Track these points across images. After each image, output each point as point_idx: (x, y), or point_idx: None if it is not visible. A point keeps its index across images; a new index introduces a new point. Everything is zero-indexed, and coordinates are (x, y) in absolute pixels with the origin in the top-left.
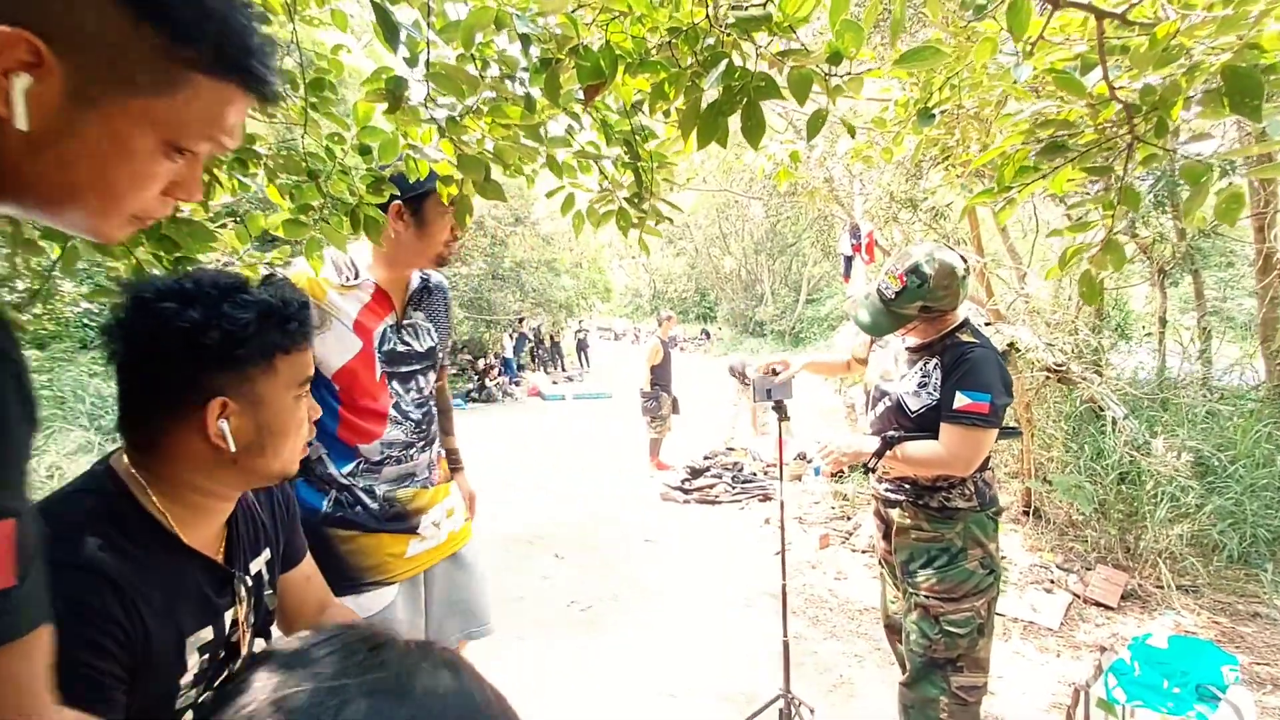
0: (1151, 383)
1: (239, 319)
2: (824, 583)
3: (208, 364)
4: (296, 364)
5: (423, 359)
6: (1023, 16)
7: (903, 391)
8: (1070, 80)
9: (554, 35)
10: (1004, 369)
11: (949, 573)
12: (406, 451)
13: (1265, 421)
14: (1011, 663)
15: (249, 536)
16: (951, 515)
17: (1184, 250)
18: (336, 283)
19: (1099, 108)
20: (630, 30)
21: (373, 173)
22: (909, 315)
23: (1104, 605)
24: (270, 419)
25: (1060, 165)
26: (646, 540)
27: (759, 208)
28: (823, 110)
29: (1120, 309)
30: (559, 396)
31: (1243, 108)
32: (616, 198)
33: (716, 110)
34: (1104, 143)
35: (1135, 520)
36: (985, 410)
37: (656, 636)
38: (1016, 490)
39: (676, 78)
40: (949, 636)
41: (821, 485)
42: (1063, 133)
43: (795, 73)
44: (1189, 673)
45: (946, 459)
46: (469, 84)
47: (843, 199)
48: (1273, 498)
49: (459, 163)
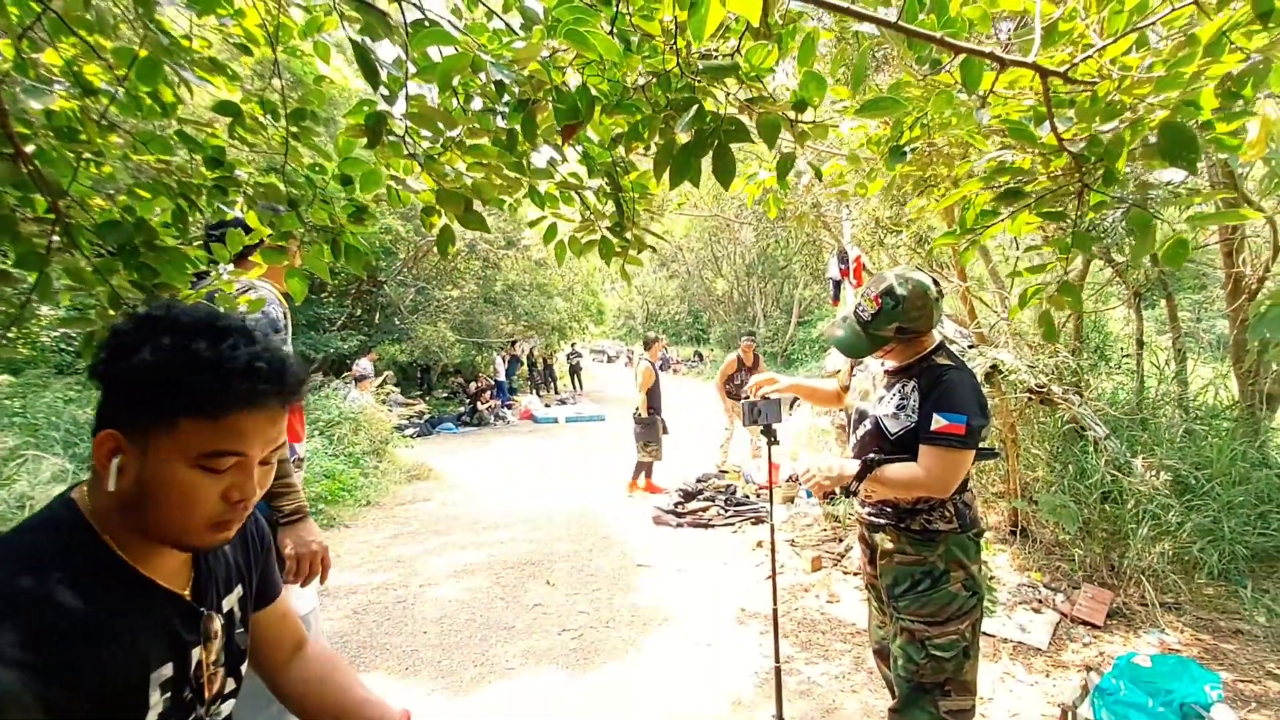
0: (1130, 403)
1: (144, 360)
2: (816, 605)
3: (114, 395)
4: (207, 431)
5: None
6: (974, 73)
7: (882, 414)
8: (1023, 130)
9: (528, 80)
10: (980, 391)
11: (932, 596)
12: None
13: (1239, 440)
14: (1002, 683)
15: (220, 573)
16: (933, 538)
17: (1156, 275)
18: None
19: (1050, 157)
20: (607, 74)
21: (355, 202)
22: (885, 337)
23: (1091, 624)
24: (153, 480)
25: (1018, 209)
26: (639, 565)
27: (750, 232)
28: (791, 154)
29: (1099, 331)
30: (552, 419)
31: (1178, 160)
32: (599, 227)
33: (689, 152)
34: (1057, 190)
35: (1119, 539)
36: (961, 431)
37: (648, 664)
38: (1004, 510)
39: (650, 120)
40: (935, 661)
41: (814, 507)
42: (1019, 179)
43: (763, 118)
44: (1173, 691)
45: (925, 480)
46: (447, 123)
47: (830, 224)
48: (1249, 515)
49: (439, 198)
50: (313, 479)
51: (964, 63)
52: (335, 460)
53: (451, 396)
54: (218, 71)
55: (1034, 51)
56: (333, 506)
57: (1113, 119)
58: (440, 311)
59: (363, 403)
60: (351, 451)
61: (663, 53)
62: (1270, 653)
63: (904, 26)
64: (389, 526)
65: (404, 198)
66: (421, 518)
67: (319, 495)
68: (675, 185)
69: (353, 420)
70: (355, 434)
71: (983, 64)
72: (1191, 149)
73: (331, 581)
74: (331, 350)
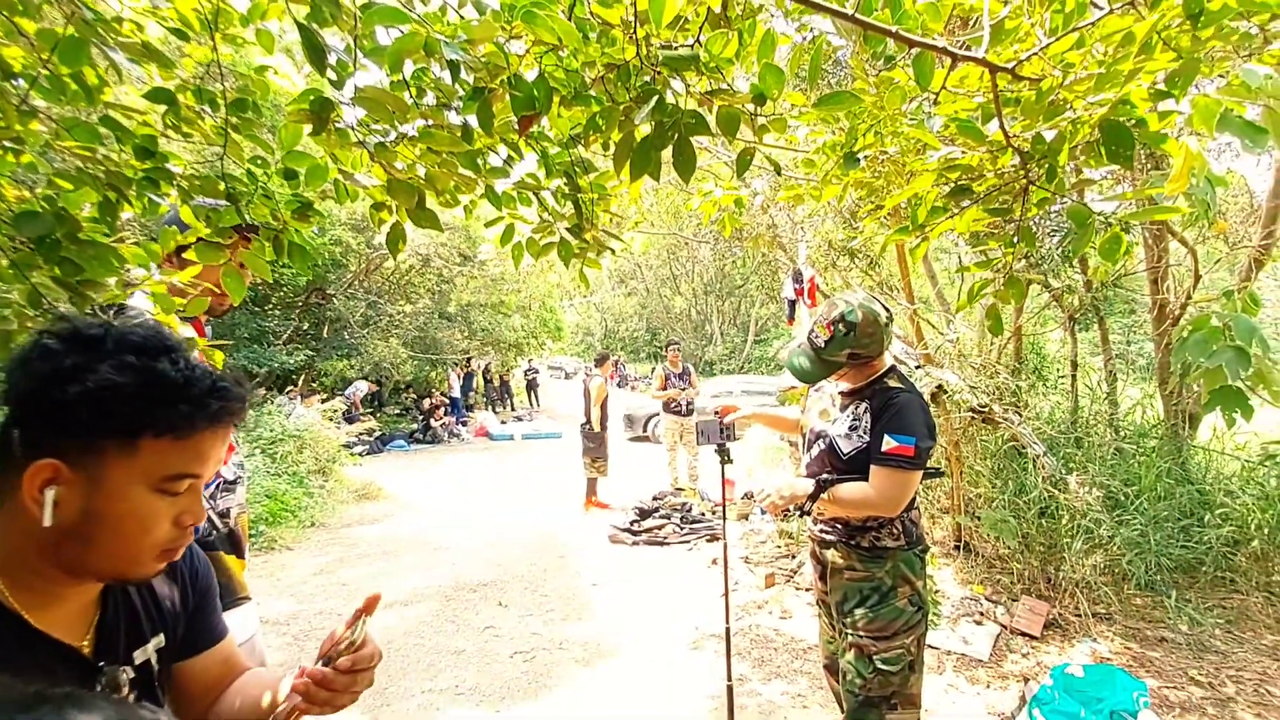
0: (1066, 422)
1: (107, 379)
2: (769, 622)
3: (55, 419)
4: (172, 453)
5: None
6: (927, 67)
7: (835, 434)
8: (971, 128)
9: (484, 64)
10: (928, 413)
11: (880, 611)
12: (242, 471)
13: (1164, 458)
14: (945, 695)
15: (131, 620)
16: (881, 554)
17: (1089, 300)
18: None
19: (998, 154)
20: (565, 63)
21: (299, 198)
22: (838, 362)
23: (1029, 635)
24: (105, 508)
25: (966, 206)
26: (594, 585)
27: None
28: (750, 148)
29: (1037, 353)
30: (508, 436)
31: (1117, 157)
32: (557, 229)
33: (649, 145)
34: (1003, 187)
35: (1055, 552)
36: (910, 453)
37: (602, 686)
38: (948, 525)
39: (610, 112)
40: (882, 675)
41: (768, 524)
42: (967, 177)
43: (723, 111)
44: (1104, 700)
45: (875, 499)
46: (399, 109)
47: (786, 245)
48: (1173, 528)
49: (389, 188)
50: (253, 499)
51: (917, 57)
52: (277, 480)
53: (404, 413)
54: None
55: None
56: (274, 528)
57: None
58: (393, 326)
59: (308, 419)
60: (295, 470)
61: (622, 43)
62: (1192, 659)
63: (859, 19)
64: (335, 549)
65: (352, 192)
66: (369, 539)
67: (259, 516)
68: (636, 178)
69: (297, 438)
70: (300, 452)
71: (934, 59)
72: (1128, 146)
73: (271, 608)
74: (276, 365)
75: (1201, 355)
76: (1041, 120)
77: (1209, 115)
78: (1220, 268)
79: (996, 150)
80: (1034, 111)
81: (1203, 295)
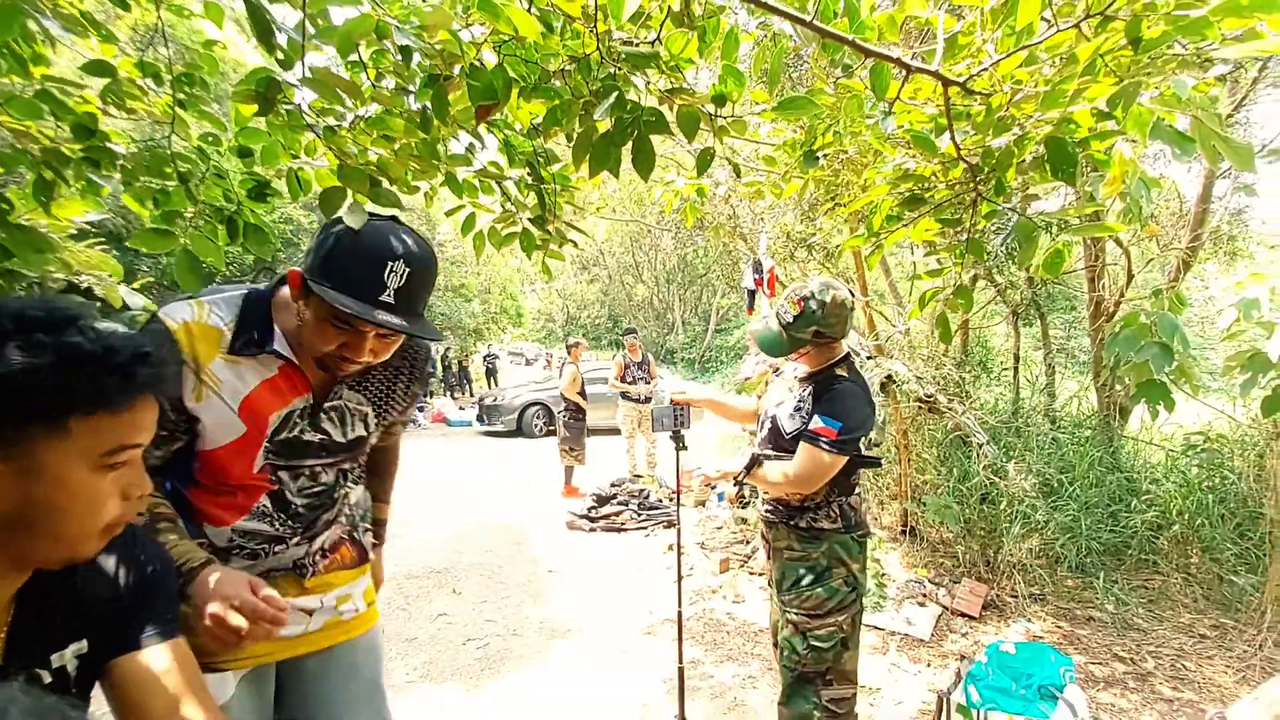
0: (1007, 412)
1: (20, 363)
2: (723, 607)
3: None
4: (106, 428)
5: (338, 451)
6: (883, 78)
7: (780, 415)
8: (924, 139)
9: (439, 52)
10: (867, 405)
11: (815, 590)
12: (269, 546)
13: (1097, 447)
14: (889, 674)
15: (48, 624)
16: (818, 536)
17: (1030, 297)
18: (223, 345)
19: (949, 166)
20: (524, 54)
21: (255, 177)
22: (803, 339)
23: (968, 615)
24: (46, 493)
25: (919, 215)
26: (550, 571)
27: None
28: (710, 148)
29: (983, 346)
30: (465, 423)
31: (1061, 174)
32: (520, 219)
33: (608, 140)
34: (954, 198)
35: (994, 536)
36: (833, 435)
37: (554, 672)
38: (896, 511)
39: (569, 105)
40: (815, 651)
41: (724, 511)
42: (920, 187)
43: (683, 110)
44: (1033, 675)
45: (794, 475)
46: (350, 92)
47: (747, 235)
48: (1103, 513)
49: (340, 174)
50: None
51: (873, 68)
52: None
53: None
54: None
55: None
56: None
57: (1004, 133)
58: None
59: None
60: None
61: (583, 36)
62: (1117, 637)
63: (818, 26)
64: None
65: (305, 185)
66: None
67: None
68: (595, 174)
69: None
70: None
71: (890, 70)
72: (1071, 164)
73: None
74: None
75: (1130, 350)
76: (991, 135)
77: (1142, 123)
78: (1153, 267)
79: (948, 162)
80: (984, 126)
81: (1135, 294)
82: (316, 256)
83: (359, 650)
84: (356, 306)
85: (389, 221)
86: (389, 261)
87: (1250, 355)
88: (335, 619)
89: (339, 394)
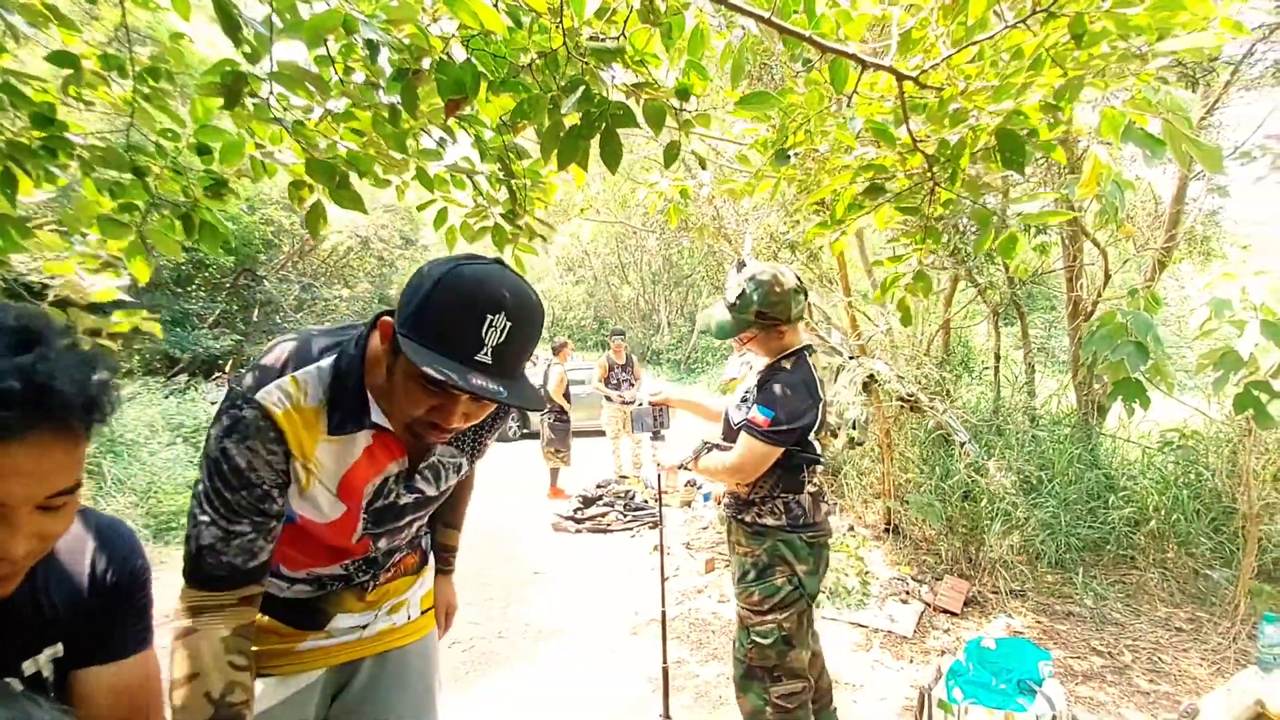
0: (988, 410)
1: None
2: (708, 606)
3: None
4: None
5: (431, 503)
6: (841, 73)
7: (730, 405)
8: (883, 130)
9: (407, 46)
10: (809, 397)
11: (757, 586)
12: (339, 583)
13: (1076, 445)
14: (873, 670)
15: (17, 630)
16: (761, 532)
17: (1010, 296)
18: (323, 426)
19: (907, 156)
20: (493, 49)
21: (213, 174)
22: (748, 320)
23: (950, 612)
24: None
25: (880, 204)
26: (536, 573)
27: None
28: (676, 141)
29: (964, 346)
30: None
31: (1011, 164)
32: (491, 214)
33: (576, 134)
34: (913, 187)
35: (976, 533)
36: (764, 425)
37: (540, 673)
38: (880, 510)
39: (537, 100)
40: (757, 647)
41: (709, 511)
42: (881, 176)
43: (649, 105)
44: (1013, 670)
45: (730, 465)
46: (317, 86)
47: (731, 236)
48: (1082, 510)
49: (308, 168)
50: (174, 490)
51: (832, 63)
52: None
53: None
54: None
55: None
56: None
57: (958, 124)
58: (329, 311)
59: None
60: None
61: (550, 31)
62: (1095, 631)
63: (775, 22)
64: None
65: (270, 169)
66: None
67: (180, 509)
68: (563, 167)
69: None
70: None
71: (848, 65)
72: (1020, 153)
73: None
74: (201, 349)
75: (1107, 349)
76: (947, 126)
77: (1116, 126)
78: (1129, 268)
79: (906, 152)
80: (937, 118)
81: (1112, 293)
82: (409, 306)
83: (411, 656)
84: (447, 370)
85: (493, 265)
86: (488, 315)
87: (1222, 353)
88: (389, 626)
89: (433, 450)
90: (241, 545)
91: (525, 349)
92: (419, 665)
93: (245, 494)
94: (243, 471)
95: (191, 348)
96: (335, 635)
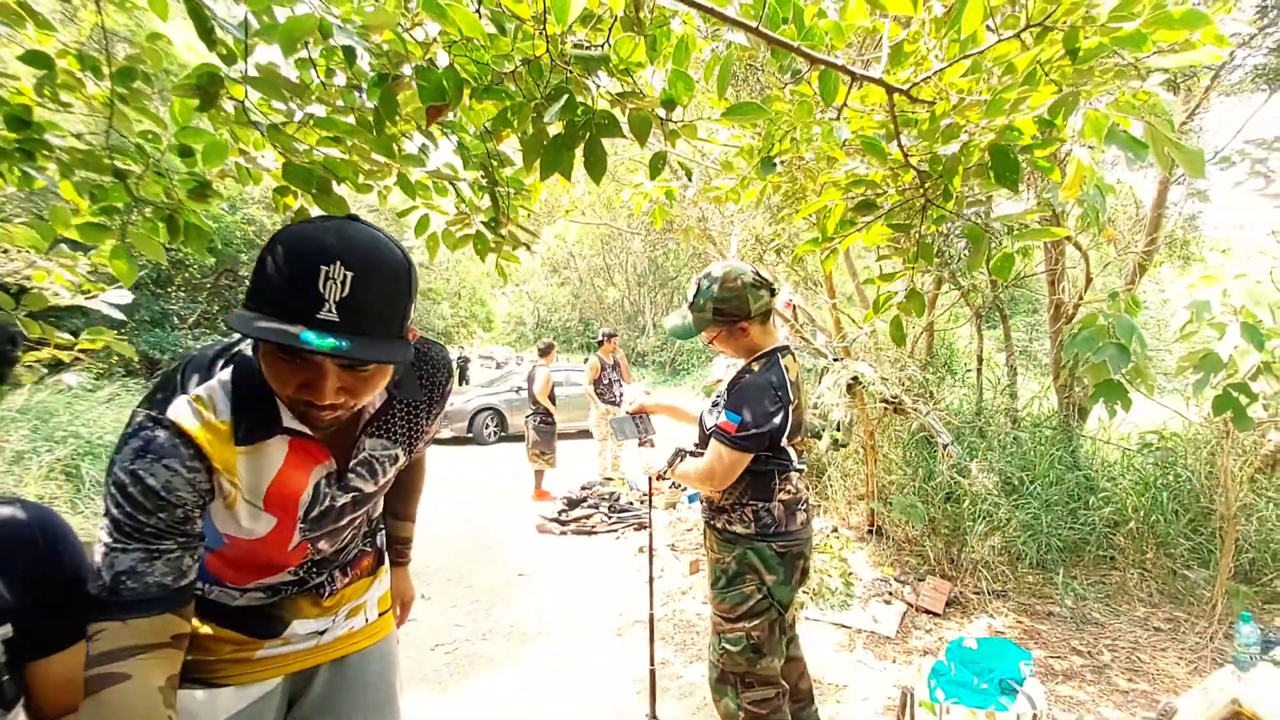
0: (970, 412)
1: None
2: (693, 608)
3: None
4: None
5: (371, 498)
6: (831, 85)
7: (703, 410)
8: (874, 145)
9: (385, 52)
10: (776, 401)
11: (727, 594)
12: (290, 587)
13: (1057, 446)
14: (856, 671)
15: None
16: (731, 540)
17: (993, 300)
18: (234, 439)
19: (899, 172)
20: (475, 55)
21: (196, 176)
22: (706, 318)
23: (932, 612)
24: None
25: (871, 220)
26: (520, 575)
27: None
28: (662, 152)
29: (947, 348)
30: None
31: (1004, 180)
32: (474, 221)
33: (560, 144)
34: (904, 203)
35: (958, 534)
36: (731, 430)
37: (525, 675)
38: (863, 511)
39: (520, 107)
40: (728, 654)
41: (694, 513)
42: (872, 192)
43: (635, 114)
44: (994, 669)
45: (701, 470)
46: (293, 91)
47: (716, 238)
48: (1063, 511)
49: (285, 173)
50: None
51: (821, 74)
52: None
53: None
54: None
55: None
56: None
57: (950, 140)
58: None
59: None
60: None
61: (534, 38)
62: (1074, 631)
63: (765, 33)
64: None
65: (254, 175)
66: None
67: None
68: (546, 177)
69: None
70: None
71: (838, 77)
72: (1014, 171)
73: None
74: (180, 350)
75: (1088, 351)
76: (939, 141)
77: (1098, 127)
78: (1111, 271)
79: (898, 168)
80: (929, 134)
81: (1094, 296)
82: (250, 279)
83: (371, 659)
84: (275, 331)
85: (336, 219)
86: (321, 267)
87: (1202, 356)
88: (348, 631)
89: (362, 447)
90: (169, 562)
91: (386, 303)
92: (379, 668)
93: (164, 515)
94: (158, 492)
95: (171, 348)
96: (293, 642)
